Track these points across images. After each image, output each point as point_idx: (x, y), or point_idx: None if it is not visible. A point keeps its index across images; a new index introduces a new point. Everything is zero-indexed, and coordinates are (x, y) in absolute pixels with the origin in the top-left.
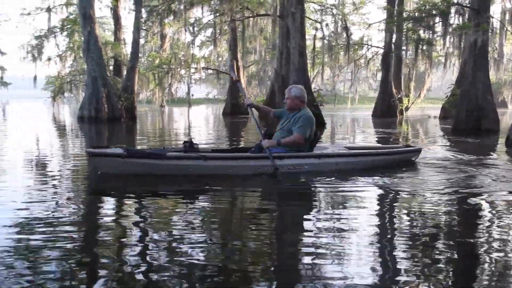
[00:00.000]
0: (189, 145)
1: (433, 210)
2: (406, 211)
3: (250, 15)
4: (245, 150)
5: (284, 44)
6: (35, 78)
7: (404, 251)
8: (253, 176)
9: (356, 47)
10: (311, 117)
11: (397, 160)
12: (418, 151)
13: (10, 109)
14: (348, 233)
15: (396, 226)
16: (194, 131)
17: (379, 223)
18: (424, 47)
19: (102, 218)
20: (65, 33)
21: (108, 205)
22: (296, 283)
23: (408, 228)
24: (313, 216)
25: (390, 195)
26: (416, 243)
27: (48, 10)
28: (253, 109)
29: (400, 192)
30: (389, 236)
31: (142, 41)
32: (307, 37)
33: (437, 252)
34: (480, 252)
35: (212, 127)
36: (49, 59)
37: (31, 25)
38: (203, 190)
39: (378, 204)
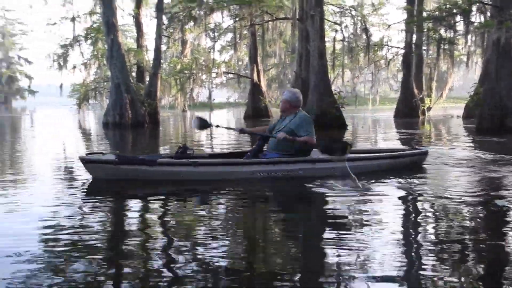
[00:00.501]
0: (181, 151)
1: (457, 211)
2: (429, 212)
3: (270, 19)
4: (242, 154)
5: (303, 47)
6: (61, 86)
7: (430, 253)
8: (262, 180)
9: (376, 48)
10: (308, 117)
11: (400, 164)
12: (425, 153)
13: (37, 116)
14: (373, 233)
15: (421, 228)
16: (216, 135)
17: (403, 225)
18: (446, 46)
19: (128, 220)
20: (89, 41)
21: (130, 207)
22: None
23: (432, 229)
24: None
25: (413, 197)
26: (442, 245)
27: (73, 19)
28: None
29: (423, 194)
30: (414, 237)
31: (163, 47)
32: (326, 39)
33: (463, 255)
34: (504, 253)
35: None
36: (74, 67)
37: (57, 34)
38: (218, 193)
39: (402, 207)
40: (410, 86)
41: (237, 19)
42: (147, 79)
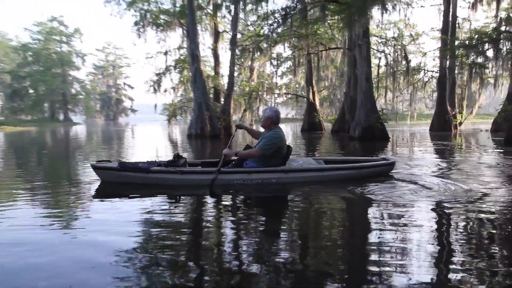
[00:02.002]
0: (172, 160)
1: (491, 217)
2: (458, 218)
3: (323, 49)
4: (230, 162)
5: (352, 71)
6: (155, 105)
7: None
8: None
9: (414, 72)
10: (275, 137)
11: (367, 173)
12: (392, 164)
13: (137, 129)
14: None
15: (453, 235)
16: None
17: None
18: (477, 70)
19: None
20: (177, 70)
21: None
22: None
23: (463, 233)
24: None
25: (447, 204)
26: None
27: (165, 53)
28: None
29: (455, 203)
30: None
31: (235, 73)
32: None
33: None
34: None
35: (292, 141)
36: (166, 90)
37: (153, 65)
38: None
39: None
40: (444, 104)
41: (296, 49)
42: (222, 99)
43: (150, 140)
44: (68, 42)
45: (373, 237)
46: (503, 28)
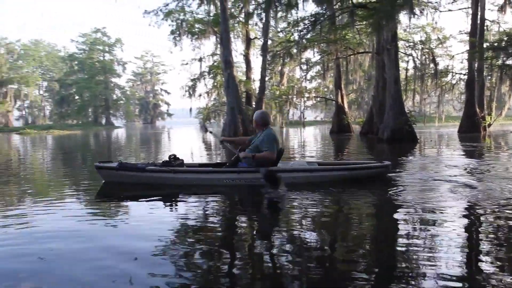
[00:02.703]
0: (167, 161)
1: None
2: (487, 220)
3: (351, 53)
4: (225, 164)
5: (380, 75)
6: (190, 109)
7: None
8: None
9: (442, 74)
10: (271, 134)
11: (360, 175)
12: (386, 166)
13: (173, 132)
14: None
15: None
16: (308, 146)
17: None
18: (507, 72)
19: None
20: (211, 75)
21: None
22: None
23: (491, 235)
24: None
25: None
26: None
27: (200, 60)
28: (227, 144)
29: (486, 205)
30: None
31: (266, 78)
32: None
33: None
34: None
35: (320, 143)
36: (200, 95)
37: (188, 71)
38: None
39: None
40: (473, 105)
41: (325, 54)
42: (254, 102)
43: (185, 142)
44: (110, 51)
45: (388, 241)
46: None
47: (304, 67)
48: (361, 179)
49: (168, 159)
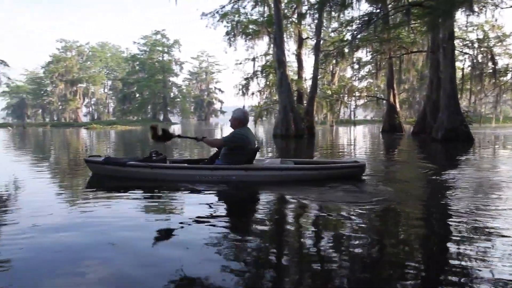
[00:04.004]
0: (146, 157)
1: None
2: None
3: (405, 52)
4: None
5: (434, 74)
6: (243, 107)
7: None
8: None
9: (501, 74)
10: (238, 134)
11: (331, 175)
12: (361, 167)
13: (225, 129)
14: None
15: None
16: (359, 145)
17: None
18: None
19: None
20: (263, 74)
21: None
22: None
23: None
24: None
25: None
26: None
27: (253, 59)
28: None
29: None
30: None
31: (318, 76)
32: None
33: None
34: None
35: (370, 142)
36: (253, 93)
37: (241, 70)
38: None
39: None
40: None
41: (377, 53)
42: (304, 101)
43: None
44: (168, 52)
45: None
46: None
47: (356, 66)
48: (334, 179)
49: (149, 155)
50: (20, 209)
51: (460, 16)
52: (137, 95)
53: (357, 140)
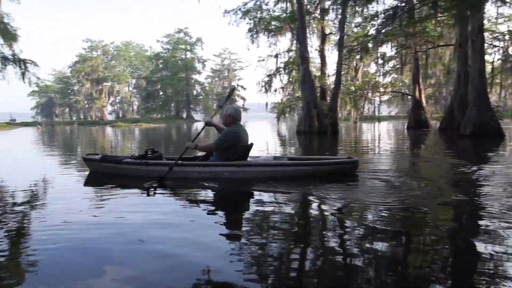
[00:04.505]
0: (141, 154)
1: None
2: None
3: (431, 46)
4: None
5: (462, 68)
6: (266, 104)
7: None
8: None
9: None
10: (230, 133)
11: (324, 171)
12: (353, 163)
13: (248, 125)
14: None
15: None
16: (383, 141)
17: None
18: None
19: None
20: (286, 71)
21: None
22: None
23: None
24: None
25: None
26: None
27: (276, 56)
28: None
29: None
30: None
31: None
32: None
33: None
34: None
35: (395, 138)
36: (276, 90)
37: (264, 67)
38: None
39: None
40: None
41: (402, 48)
42: (328, 97)
43: (260, 136)
44: (191, 50)
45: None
46: None
47: (380, 61)
48: (326, 175)
49: (144, 152)
50: (50, 205)
51: (490, 8)
52: (161, 93)
53: (381, 136)
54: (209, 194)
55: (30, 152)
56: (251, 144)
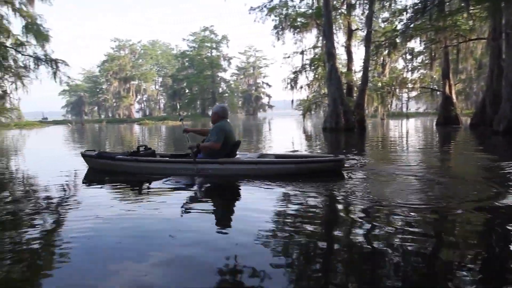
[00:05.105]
0: (134, 151)
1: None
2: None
3: (462, 41)
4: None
5: (495, 63)
6: (292, 101)
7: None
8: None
9: None
10: (219, 128)
11: (308, 169)
12: (339, 161)
13: (274, 122)
14: None
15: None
16: (412, 138)
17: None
18: None
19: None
20: (312, 68)
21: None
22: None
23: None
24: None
25: None
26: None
27: (301, 53)
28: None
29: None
30: None
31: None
32: None
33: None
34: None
35: (424, 135)
36: (301, 87)
37: (290, 64)
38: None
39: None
40: None
41: (432, 43)
42: (354, 94)
43: (286, 133)
44: (217, 48)
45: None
46: None
47: (408, 57)
48: (311, 173)
49: (136, 149)
50: (82, 199)
51: None
52: (187, 91)
53: (410, 133)
54: (196, 192)
55: (61, 149)
56: (239, 141)
